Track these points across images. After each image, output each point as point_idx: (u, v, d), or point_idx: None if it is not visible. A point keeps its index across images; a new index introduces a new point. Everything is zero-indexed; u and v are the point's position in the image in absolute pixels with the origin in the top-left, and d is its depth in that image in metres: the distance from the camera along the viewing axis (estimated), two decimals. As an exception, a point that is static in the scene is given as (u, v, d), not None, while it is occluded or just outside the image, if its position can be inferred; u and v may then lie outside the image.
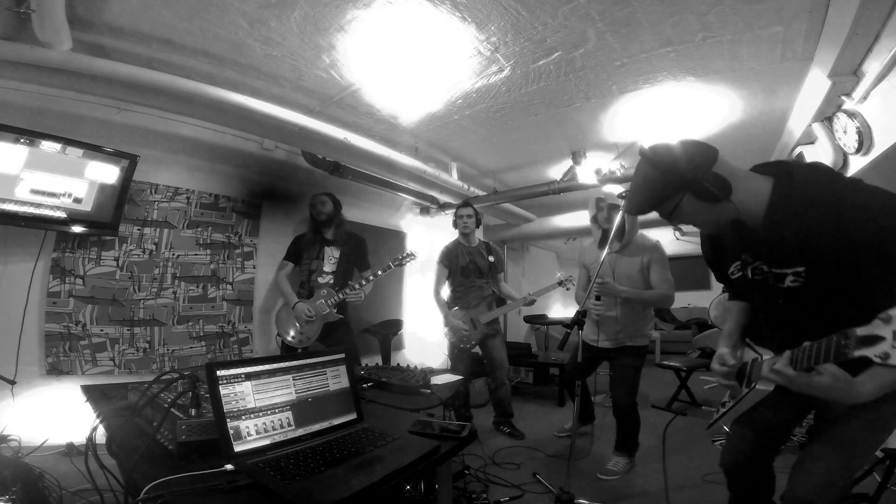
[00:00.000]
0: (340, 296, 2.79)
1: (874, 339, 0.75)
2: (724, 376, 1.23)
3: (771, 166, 1.09)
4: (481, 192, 4.59)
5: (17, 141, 2.20)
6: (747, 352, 1.27)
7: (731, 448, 1.35)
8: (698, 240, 1.38)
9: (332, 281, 2.91)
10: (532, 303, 3.25)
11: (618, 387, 2.51)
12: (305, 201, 3.64)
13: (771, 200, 1.03)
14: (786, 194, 1.01)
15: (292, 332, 2.84)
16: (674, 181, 1.04)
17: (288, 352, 2.82)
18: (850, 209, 0.92)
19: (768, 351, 1.19)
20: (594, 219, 2.65)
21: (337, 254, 2.99)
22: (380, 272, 2.84)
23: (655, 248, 2.48)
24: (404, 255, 2.97)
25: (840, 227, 0.92)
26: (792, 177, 1.02)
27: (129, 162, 2.59)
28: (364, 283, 2.84)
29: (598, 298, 2.41)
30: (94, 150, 2.46)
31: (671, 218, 1.12)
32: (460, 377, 2.06)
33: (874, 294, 0.93)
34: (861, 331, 0.77)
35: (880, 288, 0.93)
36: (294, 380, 1.13)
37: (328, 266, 2.96)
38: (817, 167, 1.06)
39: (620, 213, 2.18)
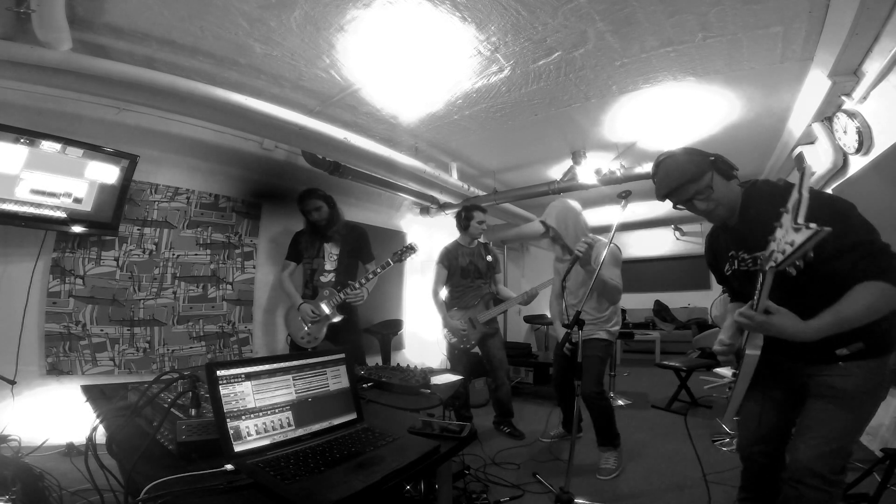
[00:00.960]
0: (341, 296, 2.77)
1: (770, 254, 0.98)
2: (724, 353, 1.41)
3: (742, 181, 1.39)
4: (481, 192, 4.59)
5: (17, 141, 2.20)
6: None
7: (745, 427, 1.48)
8: (698, 239, 1.51)
9: (333, 279, 2.87)
10: (534, 297, 3.23)
11: (584, 378, 2.48)
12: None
13: (742, 200, 1.34)
14: (749, 194, 1.33)
15: (301, 333, 2.82)
16: (703, 161, 1.32)
17: (297, 351, 2.79)
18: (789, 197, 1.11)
19: None
20: (544, 235, 2.79)
21: (336, 250, 2.94)
22: (379, 269, 2.78)
23: (607, 247, 2.37)
24: (404, 248, 2.84)
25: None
26: (755, 184, 1.35)
27: (129, 162, 2.59)
28: (364, 281, 2.80)
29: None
30: (94, 150, 2.46)
31: (703, 196, 1.31)
32: (460, 377, 2.06)
33: (827, 268, 1.13)
34: (763, 254, 1.02)
35: (832, 263, 1.12)
36: (294, 380, 1.13)
37: (329, 264, 2.92)
38: (773, 180, 1.37)
39: (578, 219, 2.56)
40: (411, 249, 2.85)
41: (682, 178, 1.32)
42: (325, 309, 2.80)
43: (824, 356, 1.24)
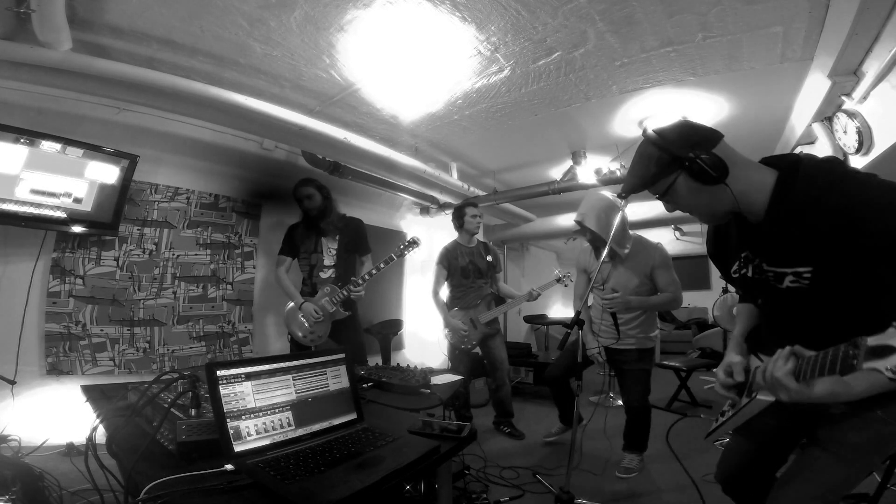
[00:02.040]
0: (344, 293, 2.74)
1: (887, 350, 0.66)
2: (725, 387, 1.14)
3: (779, 158, 1.01)
4: (481, 192, 4.59)
5: (17, 141, 2.20)
6: (753, 360, 1.17)
7: (727, 461, 1.31)
8: (698, 239, 1.36)
9: (333, 275, 2.83)
10: (536, 297, 3.24)
11: (632, 390, 2.48)
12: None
13: (773, 193, 0.95)
14: (789, 188, 0.93)
15: (302, 332, 2.79)
16: (668, 157, 0.99)
17: (299, 350, 2.77)
18: (864, 208, 0.84)
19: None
20: (578, 233, 2.56)
21: (334, 245, 2.88)
22: (382, 265, 2.74)
23: (657, 250, 2.44)
24: (407, 242, 2.79)
25: (854, 228, 0.84)
26: (798, 171, 0.93)
27: (129, 162, 2.59)
28: (368, 277, 2.77)
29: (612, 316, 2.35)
30: (94, 150, 2.46)
31: (666, 200, 1.06)
32: (460, 377, 2.06)
33: (886, 300, 0.87)
34: (872, 340, 0.67)
35: (893, 293, 0.86)
36: (294, 380, 1.13)
37: (328, 259, 2.87)
38: (830, 160, 1.00)
39: (619, 217, 2.14)
40: (414, 244, 2.80)
41: (635, 179, 1.07)
42: (328, 306, 2.76)
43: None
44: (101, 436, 1.06)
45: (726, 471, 1.30)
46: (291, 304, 2.90)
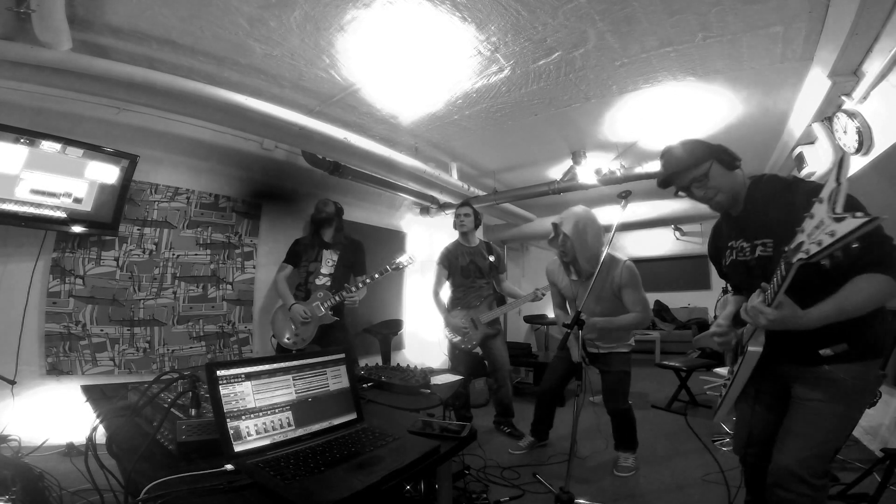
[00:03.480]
0: (337, 298, 2.78)
1: (798, 246, 0.94)
2: (722, 334, 1.42)
3: (749, 176, 1.43)
4: (481, 192, 4.59)
5: (17, 141, 2.20)
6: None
7: (738, 433, 1.48)
8: (698, 240, 1.56)
9: (328, 283, 2.90)
10: (541, 297, 3.24)
11: (614, 394, 2.50)
12: (305, 201, 3.65)
13: (748, 190, 1.36)
14: (755, 184, 1.36)
15: (287, 335, 2.83)
16: (703, 150, 1.37)
17: (282, 353, 2.80)
18: (795, 188, 1.25)
19: None
20: (552, 242, 2.51)
21: (335, 257, 2.98)
22: (377, 275, 2.80)
23: (626, 268, 2.37)
24: (401, 261, 2.79)
25: (790, 204, 1.18)
26: (761, 177, 1.38)
27: (129, 162, 2.59)
28: (361, 285, 2.82)
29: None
30: (94, 150, 2.46)
31: (699, 184, 1.36)
32: (460, 377, 2.06)
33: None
34: (789, 246, 0.98)
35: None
36: (294, 380, 1.13)
37: (326, 269, 2.95)
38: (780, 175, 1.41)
39: (594, 234, 2.28)
40: (410, 262, 2.82)
41: (680, 165, 1.38)
42: (318, 310, 2.80)
43: (808, 357, 1.24)
44: (101, 436, 1.06)
45: (739, 439, 1.49)
46: (278, 307, 2.94)
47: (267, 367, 1.09)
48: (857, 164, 2.73)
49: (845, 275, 1.12)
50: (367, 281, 2.81)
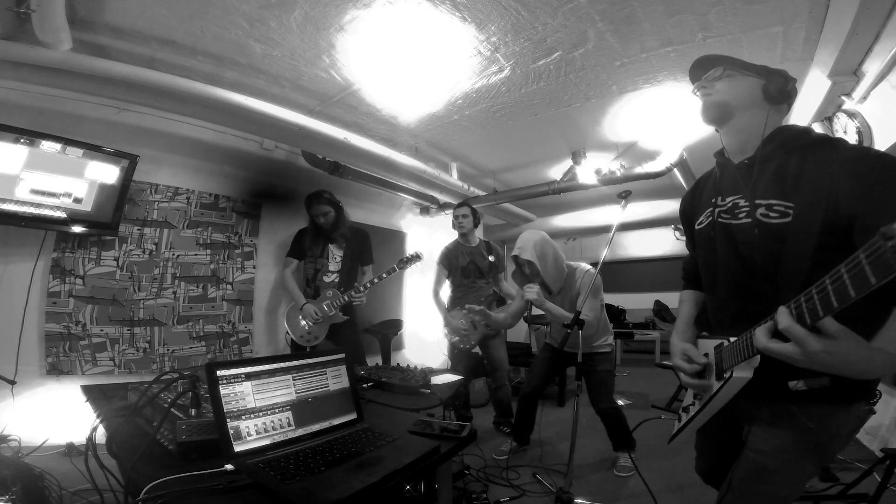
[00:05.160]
0: (345, 298, 2.80)
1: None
2: (693, 375, 1.05)
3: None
4: (481, 192, 4.59)
5: (17, 141, 2.20)
6: (704, 343, 1.09)
7: (701, 462, 1.37)
8: None
9: (336, 280, 2.91)
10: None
11: (599, 393, 2.51)
12: (306, 201, 3.64)
13: (769, 133, 0.98)
14: (780, 130, 0.99)
15: (301, 333, 2.85)
16: (753, 66, 1.07)
17: (297, 350, 2.82)
18: (839, 145, 0.89)
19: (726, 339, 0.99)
20: (515, 275, 2.51)
21: (341, 252, 2.98)
22: (384, 275, 2.82)
23: (586, 275, 2.39)
24: (409, 256, 2.87)
25: (831, 162, 0.84)
26: (791, 125, 1.01)
27: (129, 162, 2.59)
28: (369, 285, 2.85)
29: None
30: (94, 150, 2.46)
31: (710, 78, 1.08)
32: (460, 377, 2.06)
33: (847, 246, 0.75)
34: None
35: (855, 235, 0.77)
36: (294, 380, 1.13)
37: (333, 265, 2.95)
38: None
39: (553, 253, 2.31)
40: (417, 258, 2.89)
41: (715, 57, 1.09)
42: (329, 310, 2.82)
43: (770, 388, 0.91)
44: (101, 436, 1.06)
45: (698, 463, 1.38)
46: (291, 305, 2.94)
47: (267, 367, 1.09)
48: (857, 164, 2.72)
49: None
50: (375, 281, 2.84)
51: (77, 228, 2.46)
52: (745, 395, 0.92)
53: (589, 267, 2.47)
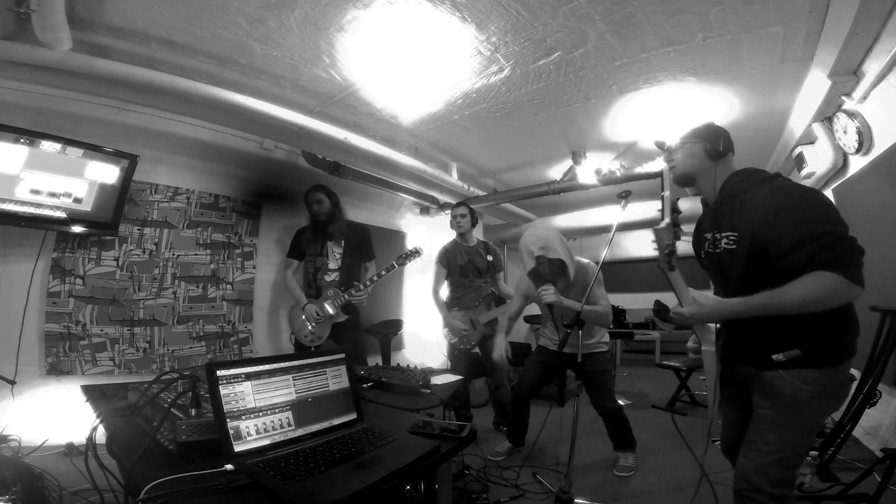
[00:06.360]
0: (346, 297, 2.78)
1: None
2: (693, 350, 1.50)
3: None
4: (481, 192, 4.59)
5: (17, 141, 2.20)
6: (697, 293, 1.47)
7: (724, 434, 1.51)
8: None
9: (337, 279, 2.89)
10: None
11: (601, 394, 2.51)
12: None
13: (728, 179, 1.36)
14: (735, 174, 1.35)
15: (305, 333, 2.84)
16: (701, 131, 1.42)
17: (301, 350, 2.81)
18: (767, 183, 1.25)
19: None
20: (534, 272, 2.42)
21: (339, 249, 2.95)
22: (384, 272, 2.80)
23: (589, 268, 2.43)
24: (409, 252, 2.84)
25: (760, 199, 1.21)
26: (746, 168, 1.35)
27: (129, 162, 2.59)
28: (369, 283, 2.83)
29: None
30: (94, 150, 2.46)
31: (669, 152, 1.47)
32: (460, 377, 2.06)
33: (784, 263, 1.14)
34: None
35: (789, 257, 1.12)
36: (294, 380, 1.13)
37: (333, 263, 2.93)
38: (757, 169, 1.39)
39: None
40: (416, 253, 2.84)
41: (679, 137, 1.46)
42: (330, 309, 2.81)
43: (761, 360, 1.22)
44: (101, 436, 1.06)
45: (723, 441, 1.51)
46: (294, 305, 2.94)
47: (267, 367, 1.09)
48: (857, 164, 2.73)
49: (799, 274, 1.10)
50: (375, 278, 2.82)
51: (77, 228, 2.46)
52: (746, 364, 1.31)
53: (590, 261, 2.52)
